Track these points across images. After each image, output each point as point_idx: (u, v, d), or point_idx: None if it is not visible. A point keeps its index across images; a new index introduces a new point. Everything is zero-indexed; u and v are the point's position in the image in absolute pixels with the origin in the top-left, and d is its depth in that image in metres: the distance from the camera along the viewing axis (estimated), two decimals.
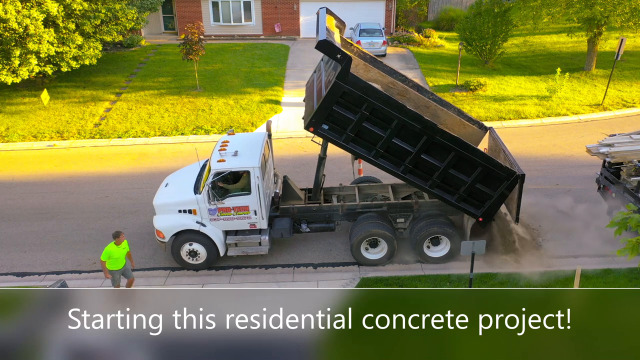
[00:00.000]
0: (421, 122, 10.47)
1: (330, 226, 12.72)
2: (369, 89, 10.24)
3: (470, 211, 11.54)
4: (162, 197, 12.33)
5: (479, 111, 21.50)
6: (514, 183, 11.04)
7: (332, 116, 10.54)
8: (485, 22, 25.46)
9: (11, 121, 21.38)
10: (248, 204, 11.68)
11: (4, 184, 16.97)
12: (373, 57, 13.15)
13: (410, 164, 10.96)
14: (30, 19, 19.76)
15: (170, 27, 33.77)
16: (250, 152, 11.80)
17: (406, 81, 13.10)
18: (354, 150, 10.95)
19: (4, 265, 12.89)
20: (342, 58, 9.83)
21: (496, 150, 12.63)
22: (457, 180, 11.13)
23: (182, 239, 12.04)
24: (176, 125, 20.84)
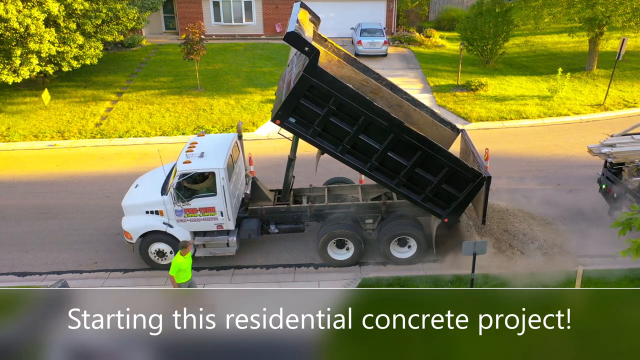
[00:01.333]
0: (388, 120, 10.45)
1: (299, 227, 12.70)
2: (336, 83, 10.18)
3: (436, 211, 11.53)
4: (130, 199, 12.35)
5: (480, 111, 21.48)
6: (479, 185, 11.02)
7: (299, 109, 10.50)
8: (487, 22, 25.44)
9: (12, 121, 21.39)
10: (214, 205, 11.69)
11: (5, 184, 16.98)
12: (347, 53, 13.15)
13: (376, 162, 10.94)
14: (31, 18, 19.76)
15: (171, 26, 33.78)
16: (217, 154, 11.78)
17: (380, 79, 13.11)
18: (320, 145, 10.90)
19: (5, 265, 12.89)
20: (310, 51, 9.78)
21: (466, 152, 12.65)
22: (424, 179, 11.12)
23: (149, 240, 12.06)
24: (177, 125, 20.84)
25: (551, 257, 12.31)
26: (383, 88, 13.08)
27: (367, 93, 12.57)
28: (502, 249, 12.42)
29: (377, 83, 13.07)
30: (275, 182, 14.49)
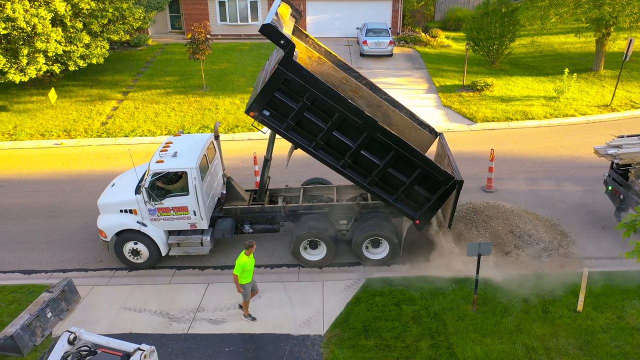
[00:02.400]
0: (362, 118, 10.43)
1: (274, 227, 12.74)
2: (311, 78, 10.16)
3: (407, 213, 11.52)
4: (106, 197, 12.43)
5: (485, 112, 21.40)
6: (451, 188, 10.98)
7: (274, 103, 10.49)
8: (493, 22, 25.36)
9: (19, 120, 21.51)
10: (187, 205, 11.73)
11: (12, 182, 17.07)
12: (329, 50, 13.16)
13: (349, 159, 10.93)
14: (38, 18, 19.88)
15: (177, 26, 33.87)
16: (190, 154, 11.80)
17: (360, 78, 13.12)
18: (294, 139, 10.89)
19: (12, 263, 12.96)
20: (285, 44, 9.77)
21: (442, 155, 12.66)
22: (396, 180, 11.11)
23: (123, 239, 12.12)
24: (182, 125, 20.88)
25: (557, 258, 12.25)
26: (363, 87, 13.10)
27: (346, 91, 12.65)
28: (507, 250, 12.37)
29: (357, 82, 13.09)
30: (279, 182, 14.51)
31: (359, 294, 11.31)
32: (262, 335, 10.28)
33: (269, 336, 10.25)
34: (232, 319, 10.75)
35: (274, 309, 10.98)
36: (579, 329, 10.10)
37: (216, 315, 10.88)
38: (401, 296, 11.12)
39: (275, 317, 10.75)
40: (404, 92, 23.93)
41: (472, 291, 10.64)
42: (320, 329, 10.40)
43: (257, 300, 11.27)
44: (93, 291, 11.76)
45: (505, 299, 10.91)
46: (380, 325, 10.35)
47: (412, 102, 22.86)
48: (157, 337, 10.25)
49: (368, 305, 10.93)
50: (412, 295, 11.15)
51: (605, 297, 10.81)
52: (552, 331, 10.06)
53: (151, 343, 8.05)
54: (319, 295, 11.36)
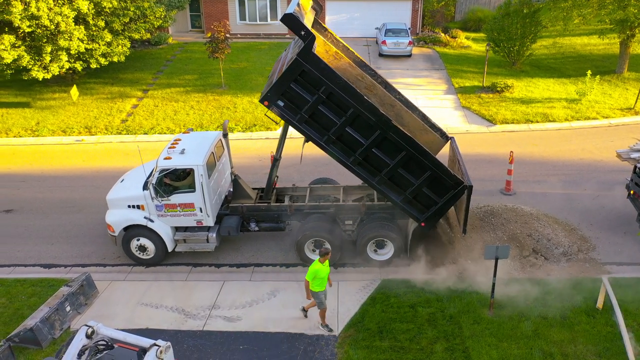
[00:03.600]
0: (376, 115, 10.35)
1: (279, 226, 12.75)
2: (328, 71, 10.08)
3: (413, 214, 11.41)
4: (114, 193, 12.57)
5: (505, 113, 21.16)
6: (460, 193, 10.89)
7: (289, 93, 10.43)
8: (514, 23, 25.07)
9: (41, 116, 21.89)
10: (193, 202, 11.82)
11: (34, 177, 17.38)
12: (346, 46, 13.09)
13: (360, 156, 10.86)
14: (61, 16, 20.21)
15: (197, 25, 34.15)
16: (197, 151, 11.88)
17: (375, 76, 13.05)
18: (306, 132, 10.82)
19: (32, 257, 13.19)
20: (306, 35, 9.72)
21: (453, 160, 12.55)
22: (405, 180, 11.00)
23: (131, 234, 12.26)
24: (201, 123, 21.03)
25: (576, 263, 12.05)
26: (378, 86, 13.04)
27: (361, 88, 12.55)
28: (525, 254, 12.21)
29: (372, 80, 13.03)
30: (297, 181, 14.52)
31: (374, 295, 11.26)
32: (277, 334, 10.29)
33: (283, 335, 10.26)
34: (247, 317, 10.78)
35: (289, 308, 10.98)
36: (598, 335, 9.92)
37: (231, 313, 10.93)
38: (416, 298, 11.05)
39: (290, 316, 10.75)
40: (423, 92, 23.79)
41: (489, 294, 10.52)
42: (334, 328, 10.37)
43: (272, 299, 11.30)
44: (111, 286, 11.91)
45: (522, 303, 10.76)
46: (395, 326, 10.29)
47: (431, 103, 22.72)
48: (172, 333, 10.33)
49: (383, 306, 10.88)
50: (427, 298, 11.06)
51: (626, 304, 10.60)
52: (571, 337, 9.89)
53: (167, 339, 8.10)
54: (333, 296, 11.33)
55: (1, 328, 10.58)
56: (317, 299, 10.01)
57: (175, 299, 11.40)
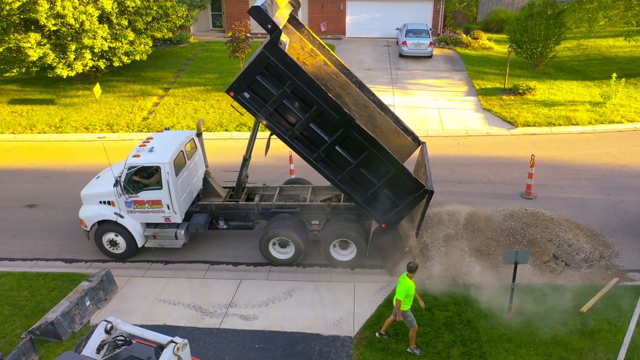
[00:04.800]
0: (340, 113, 10.32)
1: (248, 225, 12.89)
2: (294, 66, 10.08)
3: (375, 215, 11.38)
4: (88, 189, 12.93)
5: (527, 116, 20.88)
6: (421, 197, 10.88)
7: (255, 86, 10.45)
8: (537, 24, 24.70)
9: (65, 113, 22.28)
10: (160, 199, 12.06)
11: (57, 173, 17.70)
12: (322, 44, 13.07)
13: (323, 153, 10.85)
14: (86, 15, 20.54)
15: (218, 24, 34.39)
16: (166, 149, 12.10)
17: (350, 76, 13.02)
18: (271, 125, 10.83)
19: (54, 251, 13.44)
20: (272, 29, 9.70)
21: (420, 164, 12.50)
22: (367, 180, 10.97)
23: (102, 229, 12.57)
24: (220, 122, 21.18)
25: (598, 270, 11.83)
26: (352, 85, 13.00)
27: (334, 87, 12.59)
28: (545, 259, 12.03)
29: (347, 79, 13.00)
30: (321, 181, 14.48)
31: (391, 297, 11.19)
32: (293, 334, 10.31)
33: (299, 335, 10.28)
34: (263, 316, 10.83)
35: (305, 308, 11.00)
36: (619, 344, 9.72)
37: (247, 311, 10.98)
38: (434, 301, 10.95)
39: (306, 316, 10.77)
40: (443, 94, 23.60)
41: (508, 299, 10.38)
42: (350, 330, 10.36)
43: (288, 298, 11.33)
44: (130, 282, 12.06)
45: (542, 309, 10.60)
46: None
47: (451, 105, 22.54)
48: (189, 330, 10.43)
49: None
50: (444, 301, 10.97)
51: None
52: (591, 345, 9.71)
53: (184, 336, 8.19)
54: (350, 297, 11.32)
55: (23, 321, 10.80)
56: (407, 318, 9.52)
57: (192, 296, 11.50)
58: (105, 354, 7.59)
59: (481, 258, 12.06)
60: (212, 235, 13.70)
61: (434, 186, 10.97)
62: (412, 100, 23.02)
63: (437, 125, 20.83)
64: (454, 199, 14.59)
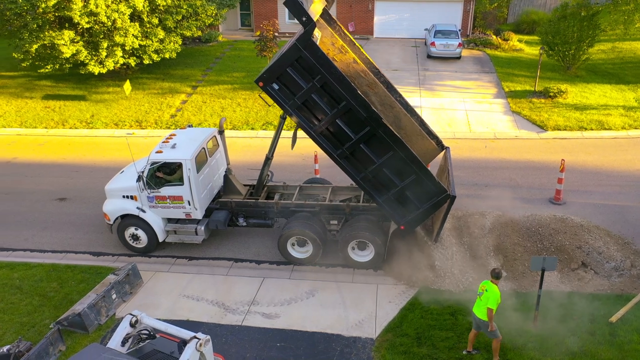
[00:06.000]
0: (367, 111, 10.20)
1: (267, 223, 12.94)
2: (325, 61, 9.98)
3: (395, 216, 11.24)
4: (112, 183, 13.16)
5: (557, 120, 20.44)
6: (442, 201, 10.72)
7: (285, 77, 10.40)
8: (570, 26, 24.14)
9: (96, 109, 22.75)
10: (182, 194, 12.22)
11: (87, 168, 18.08)
12: (353, 41, 12.96)
13: (348, 150, 10.76)
14: (118, 13, 20.94)
15: (246, 23, 34.64)
16: (188, 146, 12.25)
17: (378, 75, 12.90)
18: (297, 118, 10.78)
19: (82, 244, 13.73)
20: (307, 21, 9.63)
21: (443, 169, 12.33)
22: (389, 181, 10.85)
23: (125, 223, 12.80)
24: (247, 120, 21.32)
25: (628, 279, 11.49)
26: (379, 85, 12.89)
27: (362, 85, 12.49)
28: (573, 267, 11.75)
29: (374, 78, 12.90)
30: (341, 182, 14.48)
31: (414, 300, 11.11)
32: (314, 334, 10.30)
33: (321, 335, 10.27)
34: (285, 315, 10.85)
35: (327, 308, 10.98)
36: None
37: (270, 309, 11.02)
38: (457, 306, 10.81)
39: (328, 316, 10.76)
40: (471, 96, 23.29)
41: (534, 307, 10.18)
42: (372, 332, 10.30)
43: (310, 298, 11.33)
44: (155, 277, 12.24)
45: (569, 317, 10.35)
46: (434, 334, 10.11)
47: (479, 107, 22.22)
48: (212, 327, 10.52)
49: (422, 312, 10.71)
50: (469, 306, 10.78)
51: None
52: (620, 356, 9.44)
53: (206, 332, 8.25)
54: (372, 298, 11.26)
55: (52, 311, 11.07)
56: (495, 328, 9.15)
57: (216, 293, 11.60)
58: (130, 347, 7.71)
59: (507, 263, 11.85)
60: (236, 232, 13.80)
61: (459, 189, 10.84)
62: (440, 101, 22.78)
63: (465, 127, 20.56)
64: (480, 202, 14.36)
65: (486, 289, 9.02)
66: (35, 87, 25.10)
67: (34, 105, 23.37)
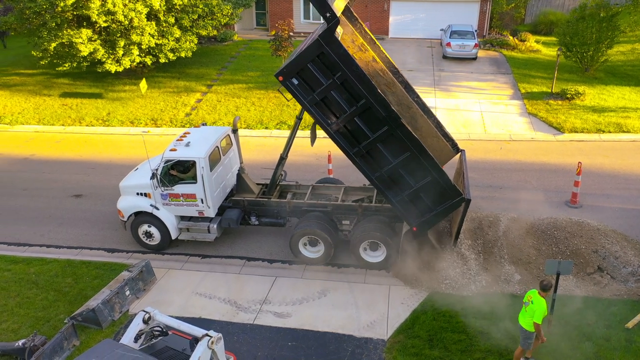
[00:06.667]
0: (387, 110, 10.14)
1: (279, 222, 13.00)
2: (347, 58, 9.92)
3: (408, 217, 11.16)
4: (127, 180, 13.26)
5: (574, 122, 20.17)
6: (457, 204, 10.66)
7: (305, 73, 10.34)
8: (589, 27, 23.81)
9: (112, 107, 22.98)
10: (195, 192, 12.31)
11: (103, 165, 18.27)
12: (373, 39, 12.90)
13: (364, 149, 10.70)
14: (135, 12, 21.13)
15: (262, 23, 34.73)
16: (202, 144, 12.31)
17: (397, 75, 12.84)
18: (315, 114, 10.69)
19: (97, 241, 13.88)
20: (331, 17, 9.59)
21: (459, 172, 12.23)
22: (404, 182, 10.78)
23: (139, 220, 12.91)
24: (261, 119, 21.38)
25: None
26: (397, 84, 12.83)
27: (380, 84, 12.45)
28: (589, 271, 11.59)
29: (393, 77, 12.85)
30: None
31: (426, 302, 11.04)
32: (325, 334, 10.29)
33: (332, 335, 10.25)
34: (297, 314, 10.85)
35: (339, 309, 10.96)
36: None
37: (281, 308, 11.04)
38: (470, 308, 10.71)
39: (339, 316, 10.74)
40: (487, 97, 23.10)
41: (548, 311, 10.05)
42: (383, 333, 10.26)
43: (322, 298, 11.32)
44: (168, 274, 12.32)
45: (584, 322, 10.21)
46: (446, 336, 10.04)
47: (495, 108, 22.03)
48: (223, 325, 10.56)
49: (435, 314, 10.64)
50: (482, 309, 10.71)
51: None
52: None
53: (218, 330, 8.29)
54: (384, 299, 11.21)
55: (66, 306, 11.20)
56: (528, 340, 8.98)
57: (228, 291, 11.65)
58: (143, 344, 7.78)
59: (521, 266, 11.72)
60: (249, 231, 13.85)
61: (474, 191, 10.75)
62: (455, 102, 22.62)
63: (480, 128, 20.40)
64: (495, 205, 14.24)
65: (532, 301, 8.80)
66: (53, 85, 25.44)
67: (52, 103, 23.69)
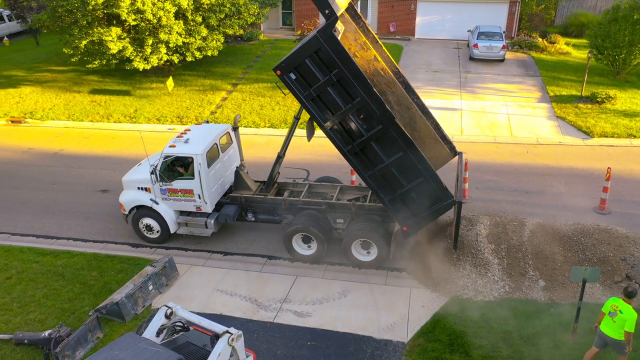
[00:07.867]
0: (382, 109, 10.13)
1: (275, 219, 13.14)
2: (344, 55, 9.91)
3: (398, 217, 11.17)
4: (128, 175, 13.62)
5: (604, 126, 19.71)
6: (448, 207, 10.82)
7: (302, 68, 10.37)
8: (622, 30, 23.23)
9: (139, 104, 23.35)
10: (192, 188, 12.57)
11: (129, 161, 18.51)
12: (376, 38, 12.85)
13: (358, 147, 10.72)
14: (163, 11, 21.43)
15: (288, 22, 34.86)
16: (200, 141, 12.56)
17: (398, 75, 12.80)
18: (311, 110, 10.70)
19: (122, 235, 14.12)
20: (330, 14, 9.64)
21: (454, 175, 12.11)
22: (397, 181, 10.80)
23: (139, 214, 13.23)
24: (285, 119, 21.45)
25: None
26: (398, 84, 12.76)
27: (380, 83, 12.42)
28: (617, 279, 11.31)
29: (394, 77, 12.79)
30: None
31: (447, 306, 10.92)
32: (345, 334, 10.27)
33: (351, 336, 10.23)
34: (317, 314, 10.86)
35: (359, 310, 10.93)
36: None
37: (302, 308, 11.06)
38: (492, 314, 10.57)
39: (359, 317, 10.70)
40: (514, 99, 22.74)
41: (573, 318, 9.84)
42: (403, 336, 10.19)
43: (342, 298, 11.30)
44: (190, 270, 12.46)
45: None
46: (467, 341, 9.91)
47: (522, 111, 21.68)
48: (244, 322, 10.63)
49: (456, 318, 10.52)
50: (504, 315, 10.55)
51: None
52: None
53: (238, 327, 8.36)
54: (405, 302, 11.14)
55: (91, 299, 11.43)
56: (625, 348, 8.73)
57: (249, 289, 11.72)
58: (164, 338, 7.88)
59: (546, 272, 11.50)
60: (271, 229, 13.90)
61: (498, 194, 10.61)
62: (481, 104, 22.33)
63: (506, 131, 20.09)
64: (520, 209, 14.01)
65: (620, 310, 8.57)
66: (83, 82, 25.97)
67: (81, 99, 24.19)
